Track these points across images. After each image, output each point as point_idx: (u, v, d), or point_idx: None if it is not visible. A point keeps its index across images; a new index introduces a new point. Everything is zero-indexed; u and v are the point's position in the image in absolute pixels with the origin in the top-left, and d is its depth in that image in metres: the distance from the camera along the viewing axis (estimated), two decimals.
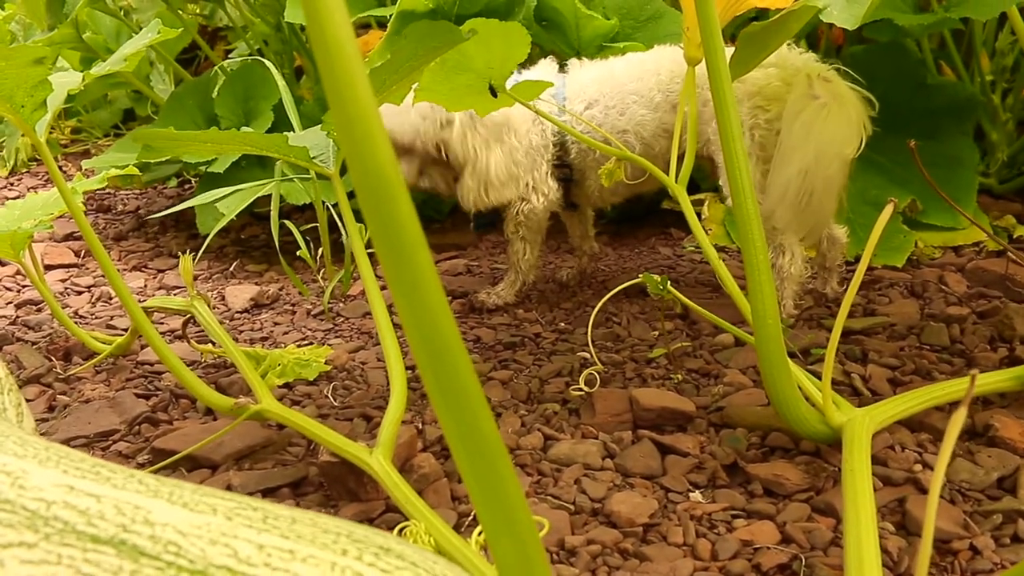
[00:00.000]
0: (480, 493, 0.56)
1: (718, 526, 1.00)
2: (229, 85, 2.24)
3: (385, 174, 0.52)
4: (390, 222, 0.53)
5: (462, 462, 0.56)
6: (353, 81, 0.52)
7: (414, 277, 0.53)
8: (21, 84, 1.03)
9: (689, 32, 1.24)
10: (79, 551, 0.51)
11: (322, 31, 0.52)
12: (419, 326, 0.54)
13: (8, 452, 0.60)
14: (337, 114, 0.53)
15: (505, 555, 0.57)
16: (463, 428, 0.55)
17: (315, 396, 1.36)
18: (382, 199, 0.52)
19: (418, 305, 0.53)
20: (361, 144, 0.52)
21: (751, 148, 1.50)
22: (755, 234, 1.04)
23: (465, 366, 0.55)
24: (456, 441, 0.55)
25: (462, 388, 0.55)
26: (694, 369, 1.39)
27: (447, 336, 0.54)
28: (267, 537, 0.52)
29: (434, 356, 0.54)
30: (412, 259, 0.53)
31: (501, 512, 0.56)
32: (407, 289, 0.53)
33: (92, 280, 2.07)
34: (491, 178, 1.59)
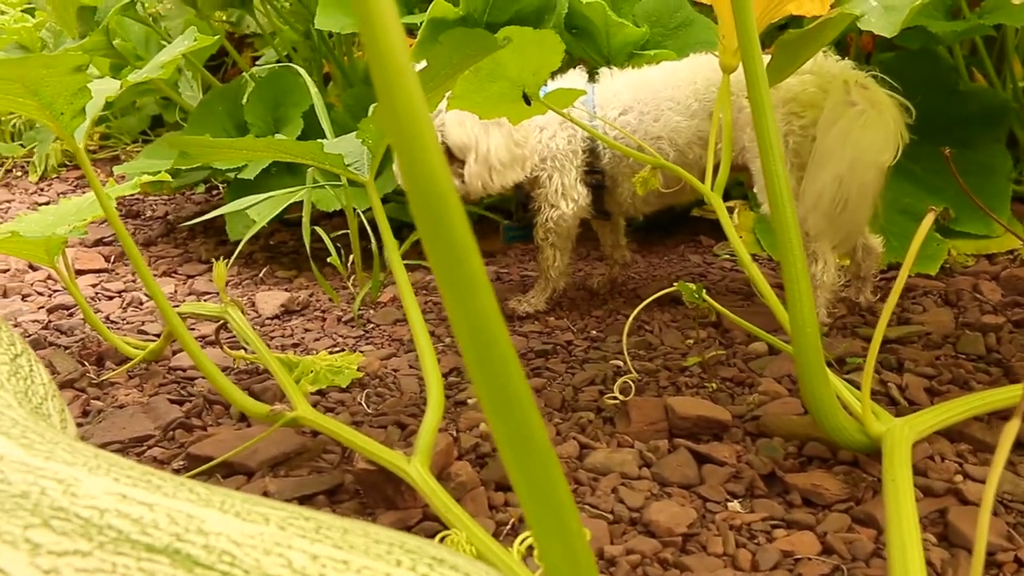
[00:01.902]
0: (531, 500, 0.56)
1: (758, 536, 0.99)
2: (258, 92, 2.24)
3: (437, 179, 0.52)
4: (442, 227, 0.52)
5: (513, 468, 0.56)
6: (405, 87, 0.52)
7: (466, 282, 0.53)
8: (61, 92, 1.03)
9: (725, 40, 1.23)
10: (133, 560, 0.51)
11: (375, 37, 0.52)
12: (471, 332, 0.53)
13: (59, 460, 0.60)
14: (389, 120, 0.53)
15: (555, 563, 0.57)
16: (514, 434, 0.55)
17: (348, 403, 1.36)
18: (434, 203, 0.52)
19: (470, 310, 0.53)
20: (413, 150, 0.52)
21: (785, 155, 1.49)
22: (793, 242, 1.03)
23: (516, 372, 0.54)
24: (507, 447, 0.55)
25: (514, 394, 0.54)
26: (728, 378, 1.39)
27: (499, 342, 0.54)
28: (320, 547, 0.52)
29: (486, 362, 0.54)
30: (464, 264, 0.53)
31: (552, 519, 0.56)
32: (459, 294, 0.53)
33: (123, 285, 2.08)
34: (493, 162, 1.58)
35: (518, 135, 1.57)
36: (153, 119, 3.39)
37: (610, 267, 1.85)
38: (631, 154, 1.36)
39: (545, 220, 1.66)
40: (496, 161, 1.57)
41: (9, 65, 0.94)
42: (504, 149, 1.56)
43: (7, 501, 0.56)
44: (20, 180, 3.09)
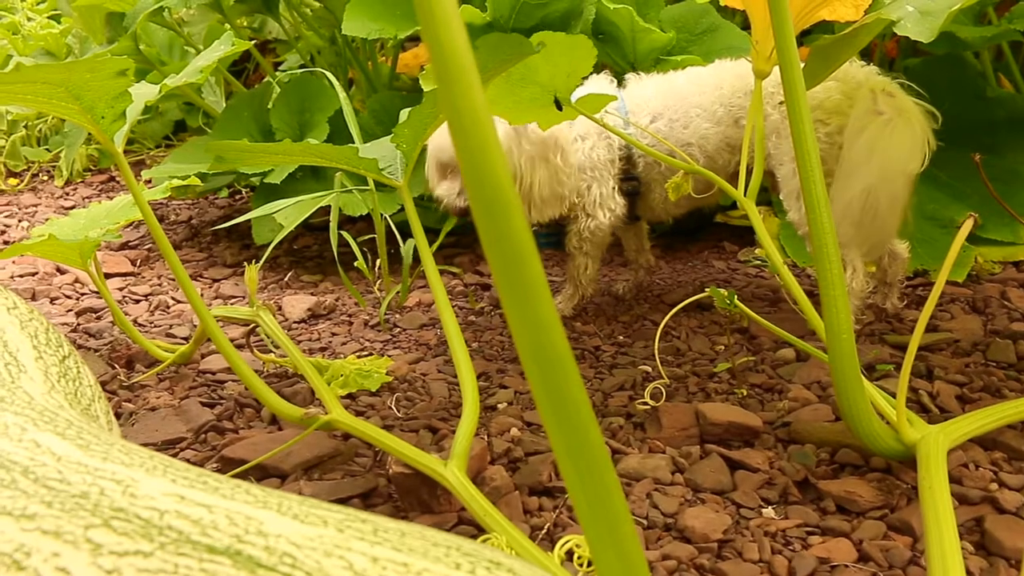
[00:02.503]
0: (586, 505, 0.56)
1: (793, 543, 0.99)
2: (284, 97, 2.25)
3: (500, 184, 0.53)
4: (504, 233, 0.53)
5: (568, 472, 0.56)
6: (470, 93, 0.53)
7: (526, 287, 0.53)
8: (102, 96, 1.04)
9: (758, 45, 1.24)
10: (195, 561, 0.51)
11: (439, 43, 0.52)
12: (531, 337, 0.54)
13: (116, 460, 0.60)
14: (453, 125, 0.53)
15: (610, 568, 0.57)
16: (572, 439, 0.55)
17: (378, 407, 1.37)
18: (497, 209, 0.52)
19: (530, 316, 0.54)
20: (477, 155, 0.53)
21: None
22: (830, 248, 1.04)
23: (574, 377, 0.55)
24: (563, 451, 0.56)
25: (572, 399, 0.55)
26: (757, 384, 1.39)
27: (558, 347, 0.54)
28: (380, 550, 0.52)
29: (545, 367, 0.54)
30: (525, 269, 0.53)
31: (607, 524, 0.56)
32: (519, 300, 0.54)
33: (149, 289, 2.09)
34: (534, 197, 1.58)
35: (563, 175, 1.57)
36: (176, 124, 3.40)
37: (635, 272, 1.85)
38: (670, 162, 1.37)
39: (580, 229, 1.66)
40: (537, 197, 1.57)
41: (55, 70, 0.95)
42: (547, 186, 1.57)
43: (67, 501, 0.56)
44: (46, 184, 3.11)
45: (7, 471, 0.59)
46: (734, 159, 1.56)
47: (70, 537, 0.54)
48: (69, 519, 0.55)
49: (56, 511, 0.56)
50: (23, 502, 0.57)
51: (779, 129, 1.49)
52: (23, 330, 0.80)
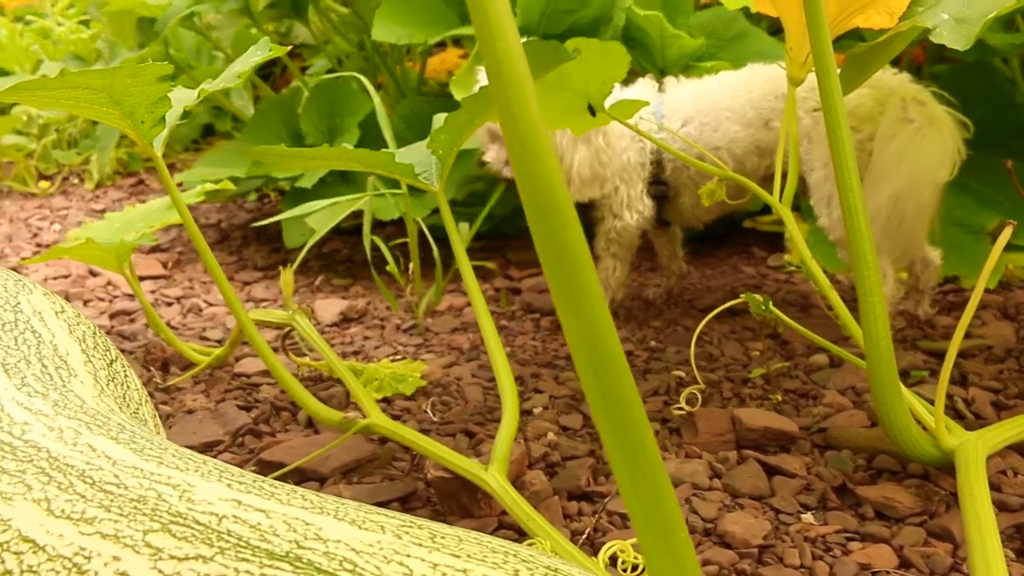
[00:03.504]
0: (640, 509, 0.57)
1: (833, 548, 0.99)
2: (314, 101, 2.26)
3: (554, 189, 0.53)
4: (558, 237, 0.53)
5: (622, 476, 0.57)
6: (524, 99, 0.53)
7: (580, 291, 0.54)
8: (143, 101, 1.05)
9: (792, 52, 1.24)
10: (256, 566, 0.52)
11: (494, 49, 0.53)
12: (585, 340, 0.54)
13: (171, 465, 0.61)
14: (508, 132, 0.54)
15: (664, 573, 0.57)
16: (625, 441, 0.56)
17: (414, 411, 1.37)
18: (551, 214, 0.53)
19: (584, 319, 0.54)
20: (531, 162, 0.53)
21: None
22: (867, 253, 1.04)
23: (628, 380, 0.55)
24: (617, 454, 0.56)
25: (626, 401, 0.55)
26: (791, 390, 1.39)
27: (612, 350, 0.55)
28: (439, 556, 0.52)
29: (599, 370, 0.55)
30: (579, 273, 0.54)
31: (661, 528, 0.57)
32: (573, 303, 0.54)
33: (181, 292, 2.10)
34: (573, 176, 1.58)
35: (604, 155, 1.58)
36: (204, 128, 3.42)
37: (666, 278, 1.85)
38: (701, 166, 1.37)
39: (608, 230, 1.66)
40: (576, 176, 1.57)
41: (98, 75, 0.96)
42: (587, 166, 1.57)
43: (125, 505, 0.57)
44: (77, 187, 3.13)
45: (64, 475, 0.60)
46: (763, 163, 1.56)
47: (129, 541, 0.55)
48: (128, 523, 0.56)
49: (114, 515, 0.56)
50: (81, 506, 0.58)
51: (811, 134, 1.49)
52: (71, 334, 0.80)
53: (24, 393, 0.69)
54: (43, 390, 0.70)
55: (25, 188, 3.08)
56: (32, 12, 3.85)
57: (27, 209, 2.92)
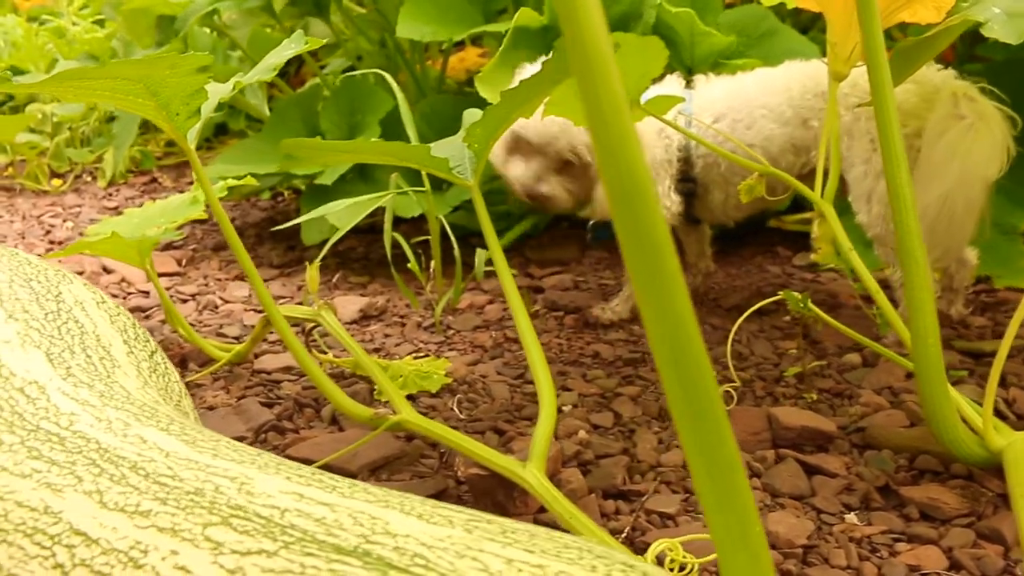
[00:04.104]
0: (717, 507, 0.55)
1: (880, 550, 0.97)
2: (334, 99, 2.24)
3: (638, 174, 0.51)
4: (642, 224, 0.51)
5: (699, 471, 0.55)
6: (607, 77, 0.51)
7: (663, 280, 0.52)
8: (179, 93, 1.03)
9: (836, 47, 1.21)
10: (323, 561, 0.50)
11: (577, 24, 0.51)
12: (666, 331, 0.52)
13: (226, 457, 0.59)
14: (592, 115, 0.52)
15: (740, 570, 0.55)
16: (704, 435, 0.53)
17: (440, 409, 1.35)
18: (635, 201, 0.51)
19: (667, 308, 0.52)
20: (616, 145, 0.51)
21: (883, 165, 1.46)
22: (916, 250, 1.02)
23: (709, 373, 0.53)
24: (694, 448, 0.54)
25: (706, 394, 0.53)
26: (825, 389, 1.37)
27: (693, 341, 0.53)
28: (513, 551, 0.50)
29: (681, 361, 0.52)
30: (662, 262, 0.52)
31: (738, 524, 0.55)
32: (656, 292, 0.52)
33: (196, 289, 2.08)
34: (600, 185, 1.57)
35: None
36: (217, 127, 3.40)
37: (693, 276, 1.83)
38: (742, 162, 1.35)
39: None
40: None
41: (136, 66, 0.94)
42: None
43: (182, 498, 0.55)
44: (89, 185, 3.11)
45: (116, 467, 0.58)
46: (798, 161, 1.54)
47: (188, 535, 0.53)
48: (185, 516, 0.54)
49: (171, 508, 0.54)
50: (135, 498, 0.56)
51: (851, 131, 1.47)
52: (113, 325, 0.79)
53: (70, 383, 0.67)
54: (88, 380, 0.68)
55: (38, 186, 3.06)
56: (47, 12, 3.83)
57: (40, 207, 2.90)
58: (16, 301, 0.72)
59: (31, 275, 0.77)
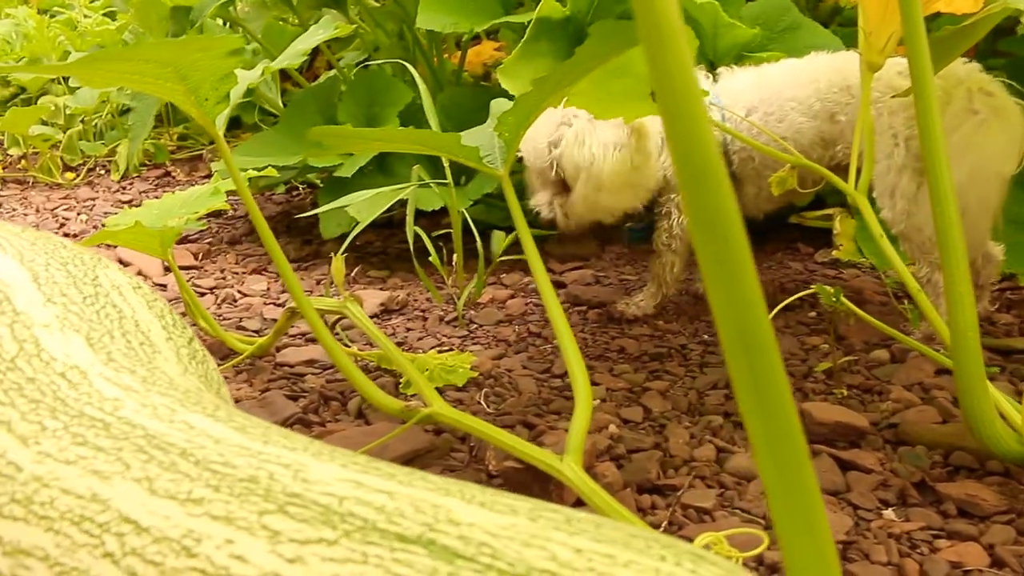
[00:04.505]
0: (783, 499, 0.53)
1: (920, 546, 0.96)
2: (352, 91, 2.23)
3: (708, 154, 0.50)
4: (712, 206, 0.50)
5: (765, 461, 0.53)
6: (679, 55, 0.50)
7: (733, 264, 0.50)
8: (208, 77, 1.02)
9: (871, 37, 1.20)
10: (386, 551, 0.48)
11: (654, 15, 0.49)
12: (736, 316, 0.51)
13: (278, 444, 0.58)
14: (662, 92, 0.50)
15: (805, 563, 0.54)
16: (773, 425, 0.52)
17: (467, 402, 1.34)
18: (705, 181, 0.49)
19: (736, 293, 0.51)
20: (685, 119, 0.50)
21: (906, 160, 1.45)
22: (956, 243, 1.00)
23: (778, 362, 0.52)
24: (763, 438, 0.52)
25: (775, 383, 0.51)
26: (854, 385, 1.35)
27: (763, 328, 0.51)
28: (580, 540, 0.49)
29: (750, 347, 0.51)
30: (732, 246, 0.50)
31: (805, 519, 0.53)
32: (725, 277, 0.51)
33: (213, 282, 2.07)
34: (604, 181, 1.54)
35: (638, 159, 1.54)
36: (230, 121, 3.38)
37: None
38: (776, 155, 1.33)
39: (671, 225, 1.63)
40: (608, 181, 1.53)
41: (167, 48, 0.93)
42: (619, 171, 1.53)
43: (235, 485, 0.54)
44: (102, 178, 3.10)
45: (164, 453, 0.57)
46: (827, 154, 1.52)
47: (244, 523, 0.51)
48: (240, 504, 0.52)
49: (224, 496, 0.53)
50: (187, 485, 0.54)
51: (875, 125, 1.45)
52: (150, 310, 0.77)
53: (111, 368, 0.65)
54: (130, 366, 0.66)
55: (51, 179, 3.05)
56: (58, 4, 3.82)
57: (53, 200, 2.89)
58: (54, 284, 0.71)
59: (67, 259, 0.75)
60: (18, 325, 0.66)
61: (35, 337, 0.66)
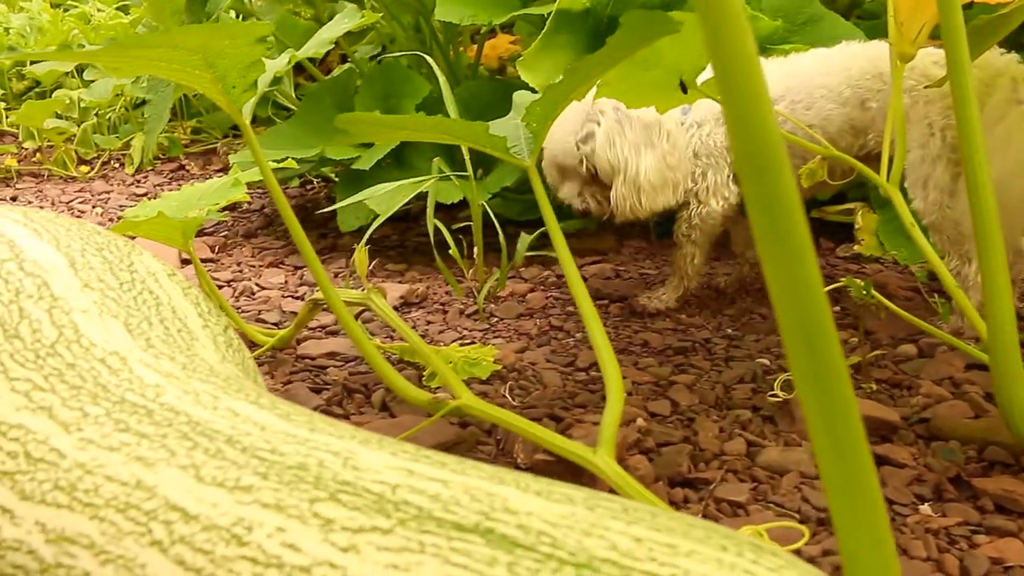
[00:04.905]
0: (842, 489, 0.52)
1: (959, 542, 0.95)
2: (368, 84, 2.22)
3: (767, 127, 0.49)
4: (767, 178, 0.48)
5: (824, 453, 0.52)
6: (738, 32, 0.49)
7: (792, 241, 0.49)
8: (236, 64, 1.01)
9: (903, 27, 1.19)
10: (443, 539, 0.47)
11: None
12: (795, 296, 0.50)
13: (324, 432, 0.57)
14: (721, 70, 0.49)
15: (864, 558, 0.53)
16: (832, 412, 0.51)
17: (492, 396, 1.33)
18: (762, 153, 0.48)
19: (797, 275, 0.49)
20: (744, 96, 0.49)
21: (941, 150, 1.44)
22: (994, 233, 0.99)
23: (836, 345, 0.51)
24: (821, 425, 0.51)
25: (835, 370, 0.50)
26: (883, 380, 1.34)
27: (823, 312, 0.50)
28: (639, 530, 0.48)
29: (809, 331, 0.50)
30: (791, 226, 0.49)
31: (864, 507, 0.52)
32: (783, 254, 0.49)
33: (231, 275, 2.06)
34: (643, 183, 1.54)
35: (672, 158, 1.53)
36: None
37: (740, 266, 1.80)
38: (807, 146, 1.32)
39: (691, 216, 1.62)
40: (646, 184, 1.53)
41: (195, 34, 0.91)
42: (656, 171, 1.52)
43: (284, 473, 0.53)
44: (117, 172, 3.09)
45: (210, 440, 0.56)
46: (856, 143, 1.51)
47: (295, 511, 0.50)
48: (290, 492, 0.51)
49: (273, 483, 0.52)
50: (234, 473, 0.53)
51: (908, 115, 1.44)
52: (186, 297, 0.76)
53: (151, 355, 0.64)
54: (170, 352, 0.65)
55: (65, 172, 3.04)
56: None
57: (68, 193, 2.88)
58: (91, 270, 0.70)
59: (102, 244, 0.74)
60: (56, 310, 0.65)
61: (74, 323, 0.65)
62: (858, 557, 0.53)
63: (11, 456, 0.58)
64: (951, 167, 1.43)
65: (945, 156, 1.42)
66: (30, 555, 0.55)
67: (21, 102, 3.18)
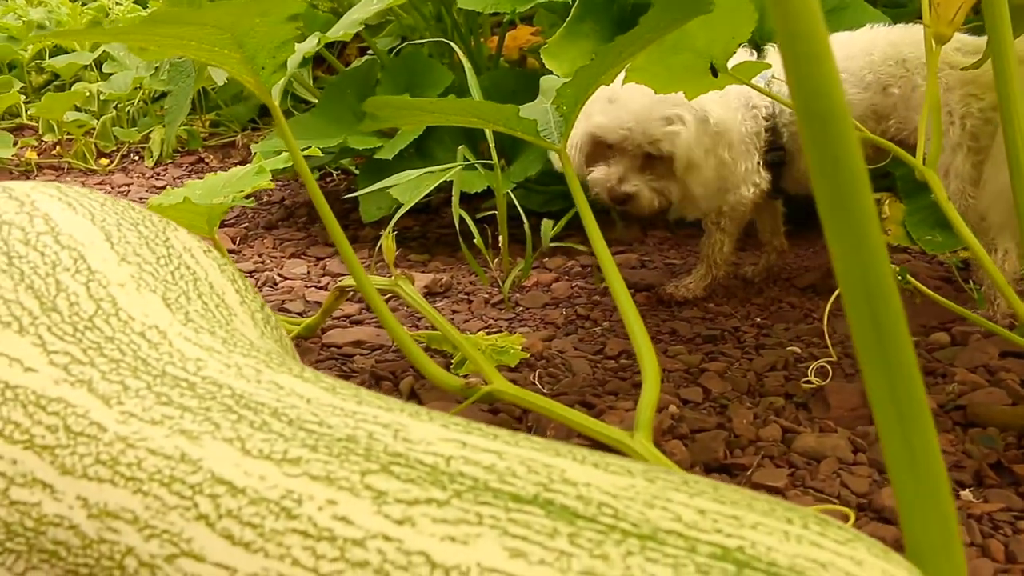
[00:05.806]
0: (907, 463, 0.51)
1: (1002, 527, 0.93)
2: (390, 74, 2.21)
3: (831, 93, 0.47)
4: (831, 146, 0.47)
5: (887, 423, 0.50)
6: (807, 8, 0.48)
7: (856, 210, 0.47)
8: (265, 44, 0.99)
9: (940, 8, 1.17)
10: (501, 511, 0.46)
11: None
12: (859, 265, 0.48)
13: (372, 404, 0.55)
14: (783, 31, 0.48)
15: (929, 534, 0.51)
16: (894, 383, 0.49)
17: (521, 383, 1.32)
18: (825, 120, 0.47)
19: (862, 245, 0.48)
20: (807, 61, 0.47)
21: (961, 138, 1.43)
22: None
23: (901, 317, 0.49)
24: (885, 397, 0.50)
25: (898, 337, 0.49)
26: None
27: (887, 283, 0.49)
28: (702, 501, 0.46)
29: (873, 300, 0.48)
30: (857, 195, 0.47)
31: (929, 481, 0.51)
32: (847, 224, 0.48)
33: (253, 266, 2.05)
34: (707, 191, 1.53)
35: (727, 170, 1.53)
36: (261, 108, 3.37)
37: (767, 255, 1.79)
38: None
39: (721, 204, 1.60)
40: (702, 188, 1.52)
41: (227, 11, 0.90)
42: (714, 180, 1.52)
43: (333, 445, 0.51)
44: (136, 164, 3.09)
45: (255, 413, 0.55)
46: (879, 128, 1.50)
47: (346, 484, 0.49)
48: (340, 464, 0.50)
49: (323, 455, 0.51)
50: (281, 445, 0.52)
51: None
52: (223, 274, 0.75)
53: (191, 329, 0.63)
54: (209, 327, 0.64)
55: (85, 165, 3.04)
56: None
57: (88, 185, 2.88)
58: (127, 244, 0.69)
59: (137, 220, 0.73)
60: (94, 284, 0.64)
61: (112, 296, 0.64)
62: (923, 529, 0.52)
63: (51, 430, 0.57)
64: (971, 156, 1.41)
65: (965, 144, 1.41)
66: (72, 530, 0.54)
67: (41, 95, 3.17)
